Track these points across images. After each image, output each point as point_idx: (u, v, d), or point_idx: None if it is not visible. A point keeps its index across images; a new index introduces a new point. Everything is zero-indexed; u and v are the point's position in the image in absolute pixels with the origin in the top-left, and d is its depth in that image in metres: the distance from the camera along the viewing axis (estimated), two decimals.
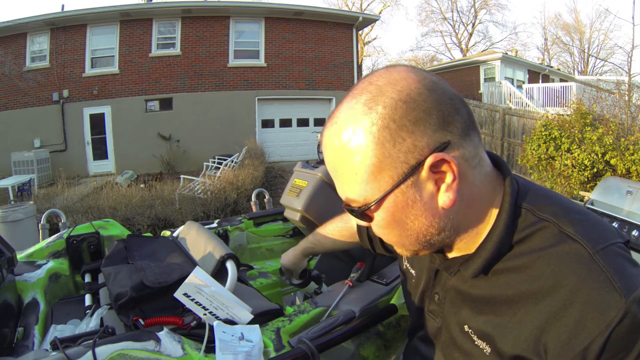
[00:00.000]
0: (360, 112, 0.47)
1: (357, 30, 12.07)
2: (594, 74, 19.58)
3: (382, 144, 0.46)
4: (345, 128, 0.48)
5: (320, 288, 1.23)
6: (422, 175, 0.47)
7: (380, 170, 0.47)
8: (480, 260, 0.53)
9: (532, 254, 0.49)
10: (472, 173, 0.50)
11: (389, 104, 0.46)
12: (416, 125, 0.46)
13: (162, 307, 0.96)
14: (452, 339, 0.60)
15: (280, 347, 0.86)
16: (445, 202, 0.48)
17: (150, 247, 1.27)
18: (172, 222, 4.81)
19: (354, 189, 0.50)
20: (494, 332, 0.52)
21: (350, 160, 0.48)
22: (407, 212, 0.49)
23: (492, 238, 0.52)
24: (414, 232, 0.51)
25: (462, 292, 0.58)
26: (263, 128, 10.90)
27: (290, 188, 1.68)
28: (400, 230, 0.51)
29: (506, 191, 0.52)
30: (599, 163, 5.02)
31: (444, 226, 0.51)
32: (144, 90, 9.97)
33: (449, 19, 23.99)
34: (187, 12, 9.98)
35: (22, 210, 3.95)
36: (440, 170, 0.47)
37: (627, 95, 6.59)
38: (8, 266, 1.05)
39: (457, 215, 0.51)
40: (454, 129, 0.47)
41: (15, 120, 9.49)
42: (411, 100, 0.46)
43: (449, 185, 0.48)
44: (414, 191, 0.48)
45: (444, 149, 0.47)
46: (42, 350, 0.83)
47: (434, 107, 0.46)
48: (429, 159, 0.46)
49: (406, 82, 0.47)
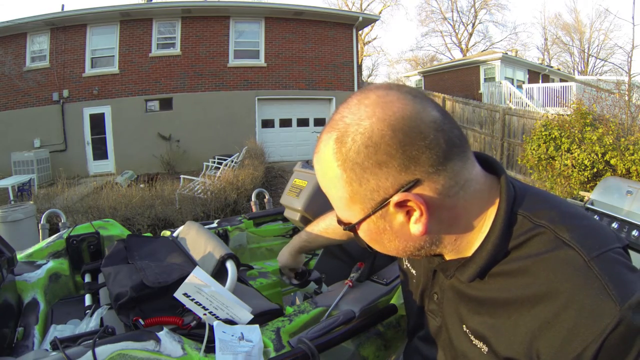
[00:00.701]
0: (332, 151, 0.50)
1: (357, 30, 12.07)
2: (594, 74, 19.59)
3: (350, 183, 0.50)
4: (323, 162, 0.53)
5: (320, 288, 1.23)
6: (390, 210, 0.50)
7: (352, 202, 0.52)
8: (475, 266, 0.54)
9: (528, 259, 0.50)
10: (451, 200, 0.51)
11: (353, 148, 0.48)
12: (379, 168, 0.48)
13: (162, 307, 0.96)
14: (450, 339, 0.61)
15: (280, 347, 0.86)
16: (416, 231, 0.51)
17: (150, 247, 1.27)
18: (172, 222, 4.81)
19: (339, 211, 0.56)
20: (489, 333, 0.53)
21: (330, 188, 0.54)
22: (381, 237, 0.54)
23: (486, 245, 0.53)
24: (393, 249, 0.56)
25: (460, 292, 0.59)
26: (263, 128, 10.90)
27: (290, 188, 1.68)
28: (381, 247, 0.57)
29: (502, 198, 0.53)
30: (599, 163, 5.02)
31: (422, 245, 0.55)
32: (144, 90, 9.97)
33: (449, 19, 24.02)
34: (187, 12, 9.98)
35: (22, 210, 3.95)
36: (408, 205, 0.50)
37: (627, 95, 6.59)
38: (8, 266, 1.05)
39: (437, 235, 0.54)
40: (422, 166, 0.48)
41: (15, 120, 9.49)
42: (373, 145, 0.47)
43: (418, 218, 0.50)
44: (383, 222, 0.52)
45: (410, 188, 0.48)
46: (42, 350, 0.83)
47: (397, 149, 0.47)
48: (394, 197, 0.49)
49: (369, 123, 0.48)
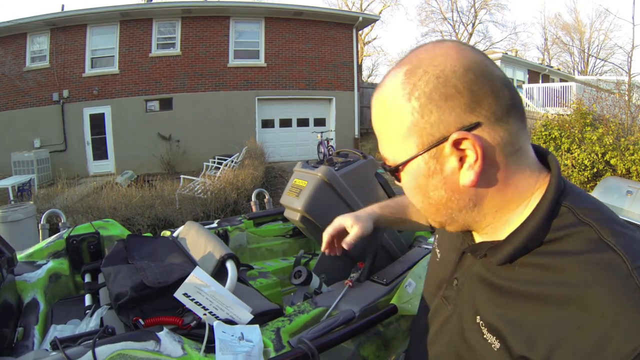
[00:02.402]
0: (400, 81, 0.50)
1: (357, 30, 12.07)
2: (594, 74, 19.59)
3: (412, 113, 0.49)
4: (386, 94, 0.52)
5: (320, 288, 1.23)
6: (446, 149, 0.49)
7: (408, 136, 0.50)
8: (510, 247, 0.51)
9: (565, 256, 0.46)
10: (505, 159, 0.49)
11: (424, 76, 0.48)
12: (445, 101, 0.47)
13: (162, 307, 0.96)
14: (460, 329, 0.58)
15: (280, 347, 0.86)
16: (466, 181, 0.49)
17: (150, 247, 1.27)
18: (172, 222, 4.81)
19: (387, 149, 0.55)
20: (506, 327, 0.50)
21: (387, 123, 0.53)
22: (428, 181, 0.52)
23: (526, 228, 0.50)
24: (435, 202, 0.53)
25: (484, 279, 0.55)
26: (263, 128, 10.90)
27: (290, 188, 1.68)
28: (422, 197, 0.54)
29: (550, 184, 0.51)
30: (599, 163, 5.02)
31: (465, 205, 0.52)
32: (144, 90, 9.97)
33: (449, 19, 24.01)
34: (187, 12, 9.98)
35: (22, 210, 3.95)
36: (464, 148, 0.48)
37: (627, 95, 6.59)
38: (8, 266, 1.05)
39: (482, 198, 0.51)
40: (486, 111, 0.47)
41: (15, 120, 9.49)
42: (443, 77, 0.48)
43: (471, 165, 0.48)
44: (436, 163, 0.50)
45: (471, 129, 0.47)
46: (42, 350, 0.83)
47: (465, 87, 0.47)
48: (453, 135, 0.47)
49: (444, 59, 0.49)
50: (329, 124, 11.35)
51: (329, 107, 11.43)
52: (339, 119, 11.28)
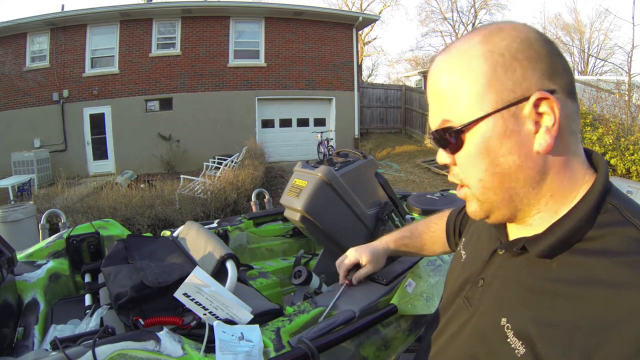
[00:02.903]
0: (478, 41, 0.49)
1: (357, 30, 12.06)
2: (594, 74, 19.57)
3: (494, 67, 0.47)
4: (460, 51, 0.50)
5: (320, 288, 1.23)
6: (525, 109, 0.47)
7: (486, 92, 0.48)
8: (552, 238, 0.48)
9: (609, 256, 0.44)
10: (569, 137, 0.48)
11: (507, 37, 0.48)
12: (529, 62, 0.47)
13: (162, 307, 0.96)
14: (480, 332, 0.54)
15: (280, 347, 0.86)
16: (542, 144, 0.47)
17: (150, 247, 1.27)
18: (172, 222, 4.81)
19: (453, 110, 0.50)
20: (539, 331, 0.46)
21: (458, 80, 0.49)
22: (502, 143, 0.48)
23: (570, 219, 0.48)
24: (501, 171, 0.49)
25: (516, 279, 0.52)
26: (263, 128, 10.90)
27: (290, 188, 1.68)
28: (489, 164, 0.49)
29: (598, 179, 0.49)
30: None
31: (531, 178, 0.48)
32: (144, 90, 9.97)
33: (449, 19, 24.00)
34: (187, 12, 9.98)
35: (22, 210, 3.95)
36: (542, 112, 0.46)
37: (627, 95, 6.58)
38: (8, 266, 1.05)
39: (546, 174, 0.48)
40: (561, 82, 0.47)
41: (15, 120, 9.49)
42: (527, 40, 0.47)
43: (549, 128, 0.46)
44: (514, 122, 0.47)
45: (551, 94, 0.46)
46: (42, 350, 0.83)
47: (546, 55, 0.47)
48: (535, 94, 0.46)
49: (525, 28, 0.49)
50: (329, 124, 11.35)
51: (329, 107, 11.42)
52: (339, 119, 11.28)
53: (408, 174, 9.06)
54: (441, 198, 2.31)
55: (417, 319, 1.14)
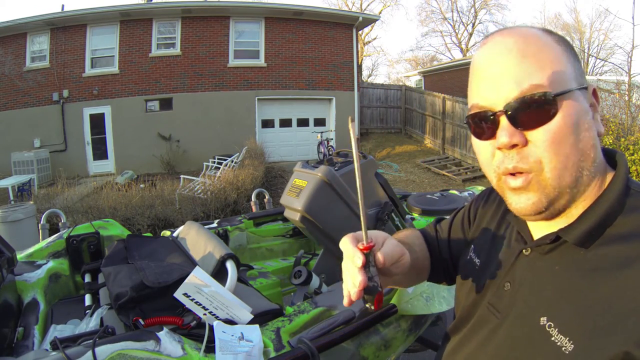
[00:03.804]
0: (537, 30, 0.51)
1: (357, 30, 12.06)
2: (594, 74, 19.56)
3: (568, 59, 0.50)
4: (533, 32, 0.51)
5: (320, 288, 1.23)
6: (589, 94, 0.51)
7: (571, 69, 0.49)
8: (589, 222, 0.48)
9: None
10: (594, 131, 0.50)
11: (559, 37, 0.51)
12: (577, 61, 0.51)
13: (162, 307, 0.96)
14: (518, 336, 0.52)
15: (280, 347, 0.86)
16: (600, 128, 0.50)
17: (150, 247, 1.27)
18: (172, 222, 4.81)
19: (547, 73, 0.48)
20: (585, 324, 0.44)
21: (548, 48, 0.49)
22: (584, 119, 0.48)
23: (603, 203, 0.48)
24: (583, 146, 0.48)
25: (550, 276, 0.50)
26: (263, 128, 10.90)
27: (290, 188, 1.68)
28: (574, 139, 0.47)
29: (620, 165, 0.51)
30: None
31: (595, 157, 0.49)
32: (144, 90, 9.97)
33: (449, 19, 24.00)
34: (187, 12, 9.98)
35: (22, 210, 3.95)
36: (593, 102, 0.51)
37: (627, 95, 6.58)
38: (8, 266, 1.05)
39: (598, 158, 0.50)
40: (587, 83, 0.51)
41: (15, 120, 9.49)
42: (569, 42, 0.52)
43: (599, 114, 0.51)
44: (587, 103, 0.50)
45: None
46: (42, 350, 0.83)
47: (577, 59, 0.52)
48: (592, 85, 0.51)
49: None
50: (329, 124, 11.35)
51: (329, 107, 11.42)
52: (339, 119, 11.28)
53: (408, 174, 9.06)
54: (441, 198, 2.31)
55: (417, 319, 1.14)
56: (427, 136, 11.87)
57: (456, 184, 8.05)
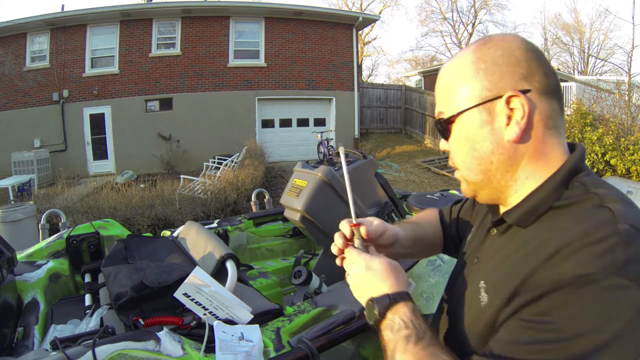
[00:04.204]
0: (472, 49, 0.61)
1: (357, 30, 12.06)
2: (594, 74, 19.56)
3: (478, 71, 0.58)
4: (459, 59, 0.62)
5: (320, 288, 1.23)
6: (499, 105, 0.57)
7: (470, 91, 0.59)
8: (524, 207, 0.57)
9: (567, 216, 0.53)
10: (543, 130, 0.57)
11: (493, 46, 0.59)
12: (507, 67, 0.57)
13: (162, 307, 0.96)
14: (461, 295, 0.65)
15: (280, 347, 0.86)
16: (511, 135, 0.56)
17: (150, 247, 1.27)
18: (172, 222, 4.81)
19: (447, 104, 0.62)
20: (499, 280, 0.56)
21: (453, 80, 0.61)
22: (478, 132, 0.59)
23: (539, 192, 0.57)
24: (479, 155, 0.59)
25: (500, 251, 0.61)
26: (263, 128, 10.90)
27: (290, 188, 1.68)
28: (469, 150, 0.60)
29: (567, 162, 0.57)
30: (599, 163, 5.02)
31: (504, 162, 0.58)
32: (144, 90, 9.97)
33: (449, 19, 24.00)
34: (187, 12, 9.98)
35: (22, 210, 3.95)
36: (513, 107, 0.56)
37: (627, 95, 6.58)
38: (8, 266, 1.05)
39: (518, 160, 0.58)
40: (537, 83, 0.56)
41: (15, 120, 9.49)
42: (508, 48, 0.58)
43: (518, 121, 0.56)
44: (488, 115, 0.58)
45: (524, 93, 0.56)
46: (42, 350, 0.83)
47: (526, 61, 0.57)
48: (508, 92, 0.56)
49: (512, 38, 0.60)
50: (329, 124, 11.35)
51: (329, 107, 11.42)
52: (339, 119, 11.28)
53: (408, 174, 9.06)
54: (441, 198, 2.31)
55: None
56: (427, 136, 11.87)
57: (456, 184, 8.05)
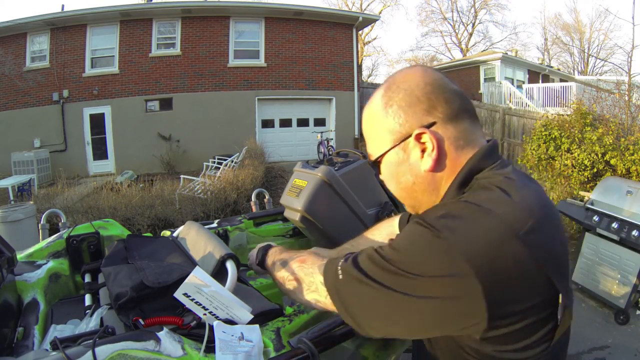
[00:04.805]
0: (381, 95, 0.68)
1: (357, 30, 12.06)
2: (594, 74, 19.57)
3: (386, 116, 0.66)
4: (373, 105, 0.69)
5: None
6: (411, 143, 0.65)
7: (385, 134, 0.67)
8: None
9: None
10: (456, 153, 0.64)
11: (395, 90, 0.66)
12: (409, 107, 0.64)
13: (162, 307, 0.96)
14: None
15: (280, 347, 0.86)
16: (426, 165, 0.64)
17: (150, 247, 1.27)
18: (172, 222, 4.80)
19: (371, 147, 0.71)
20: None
21: (372, 126, 0.70)
22: (399, 169, 0.67)
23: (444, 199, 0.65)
24: (404, 186, 0.68)
25: None
26: (263, 128, 10.90)
27: (290, 188, 1.68)
28: (396, 183, 0.69)
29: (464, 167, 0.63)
30: (599, 163, 5.02)
31: (426, 188, 0.66)
32: (144, 90, 9.97)
33: (449, 19, 24.01)
34: (187, 12, 9.98)
35: (22, 210, 3.95)
36: (424, 141, 0.63)
37: (627, 95, 6.58)
38: (8, 266, 1.05)
39: (438, 182, 0.65)
40: (440, 113, 0.63)
41: (15, 120, 9.49)
42: (408, 89, 0.65)
43: (429, 153, 0.63)
44: (404, 153, 0.66)
45: (429, 127, 0.63)
46: (42, 350, 0.83)
47: (424, 96, 0.64)
48: (416, 131, 0.63)
49: (411, 77, 0.66)
50: (329, 124, 11.35)
51: (329, 107, 11.42)
52: (339, 119, 11.28)
53: None
54: None
55: None
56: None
57: None
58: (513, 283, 0.52)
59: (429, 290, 0.53)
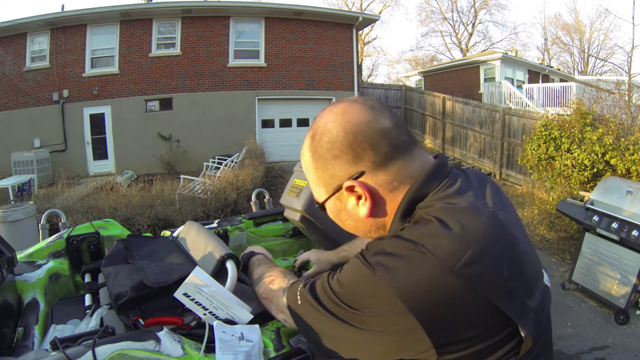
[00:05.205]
0: (307, 144, 0.67)
1: (357, 30, 12.06)
2: (594, 74, 19.58)
3: (317, 169, 0.66)
4: (303, 154, 0.69)
5: None
6: (343, 193, 0.64)
7: (320, 185, 0.67)
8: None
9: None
10: (392, 194, 0.63)
11: (319, 141, 0.64)
12: (334, 159, 0.63)
13: (162, 307, 0.96)
14: None
15: (280, 347, 0.86)
16: (364, 212, 0.64)
17: (150, 247, 1.27)
18: (172, 222, 4.80)
19: (313, 192, 0.71)
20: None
21: (308, 175, 0.69)
22: (340, 215, 0.68)
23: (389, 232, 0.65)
24: (350, 228, 0.69)
25: None
26: (263, 128, 10.90)
27: (290, 188, 1.68)
28: (342, 224, 0.70)
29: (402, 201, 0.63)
30: (599, 163, 5.01)
31: (370, 228, 0.67)
32: (144, 90, 9.97)
33: (449, 19, 24.02)
34: (187, 12, 9.98)
35: (22, 210, 3.95)
36: (357, 191, 0.63)
37: (627, 95, 6.58)
38: (8, 266, 1.05)
39: (382, 222, 0.65)
40: (366, 162, 0.62)
41: (15, 120, 9.49)
42: (331, 142, 0.63)
43: (363, 202, 0.63)
44: (339, 203, 0.67)
45: (358, 177, 0.62)
46: (42, 350, 0.83)
47: (347, 147, 0.62)
48: (346, 183, 0.63)
49: (332, 126, 0.63)
50: None
51: None
52: None
53: None
54: None
55: None
56: (427, 136, 11.87)
57: None
58: (452, 316, 0.52)
59: (373, 325, 0.55)
